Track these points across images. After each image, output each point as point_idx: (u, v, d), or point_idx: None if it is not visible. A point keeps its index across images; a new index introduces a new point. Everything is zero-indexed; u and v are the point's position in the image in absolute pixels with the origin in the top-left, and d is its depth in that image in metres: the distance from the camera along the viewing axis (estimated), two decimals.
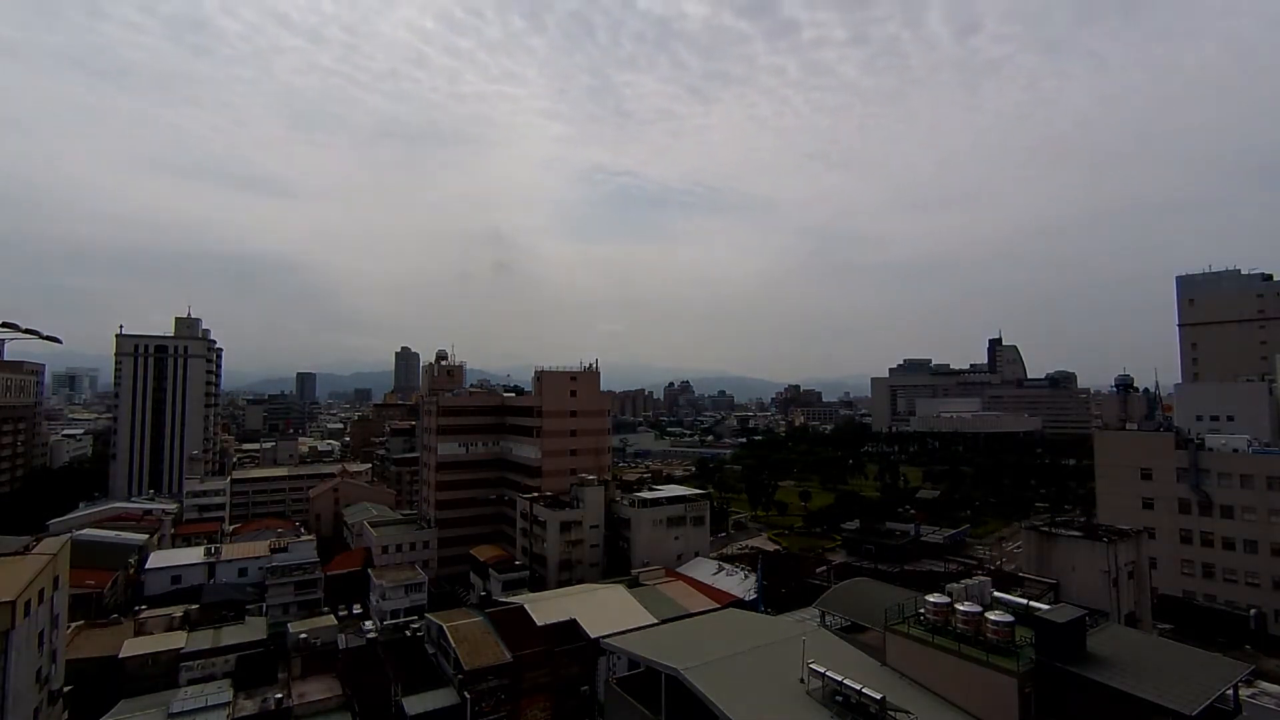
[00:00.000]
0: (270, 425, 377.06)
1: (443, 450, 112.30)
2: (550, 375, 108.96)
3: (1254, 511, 73.78)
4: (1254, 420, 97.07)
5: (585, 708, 57.40)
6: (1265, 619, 71.88)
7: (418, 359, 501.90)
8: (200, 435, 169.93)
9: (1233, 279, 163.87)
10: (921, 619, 38.80)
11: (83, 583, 71.81)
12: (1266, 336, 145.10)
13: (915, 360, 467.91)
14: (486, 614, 61.64)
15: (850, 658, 38.70)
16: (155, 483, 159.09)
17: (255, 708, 50.44)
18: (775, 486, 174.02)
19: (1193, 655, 35.65)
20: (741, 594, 73.03)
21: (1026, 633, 35.90)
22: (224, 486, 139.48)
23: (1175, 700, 29.77)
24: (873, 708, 31.78)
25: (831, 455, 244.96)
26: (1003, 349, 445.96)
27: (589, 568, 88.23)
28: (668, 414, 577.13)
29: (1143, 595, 54.86)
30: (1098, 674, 32.54)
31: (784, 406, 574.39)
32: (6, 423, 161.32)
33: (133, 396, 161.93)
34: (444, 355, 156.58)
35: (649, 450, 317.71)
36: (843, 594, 52.38)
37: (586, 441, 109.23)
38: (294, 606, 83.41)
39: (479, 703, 52.08)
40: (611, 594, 70.43)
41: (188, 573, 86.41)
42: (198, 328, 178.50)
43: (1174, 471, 79.27)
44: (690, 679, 34.39)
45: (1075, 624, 34.59)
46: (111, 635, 63.30)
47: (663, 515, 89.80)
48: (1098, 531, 55.80)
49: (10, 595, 36.79)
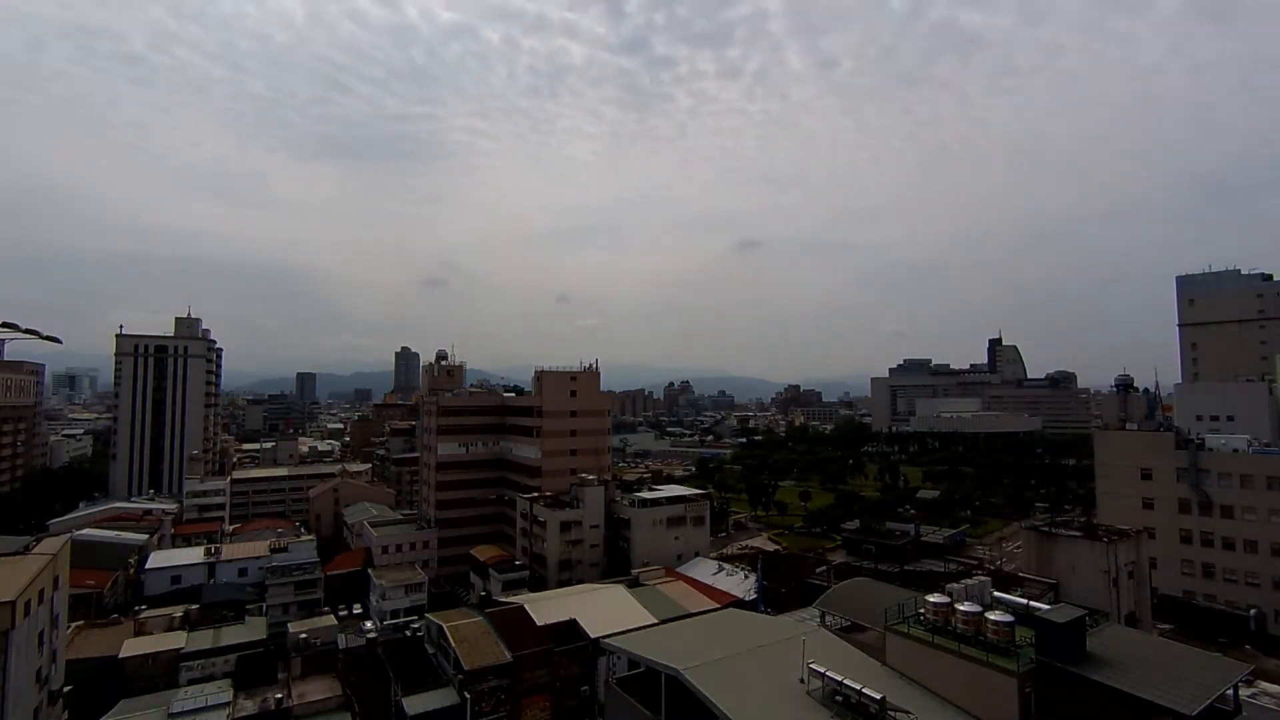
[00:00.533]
0: (270, 425, 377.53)
1: (443, 450, 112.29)
2: (550, 375, 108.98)
3: (1254, 511, 73.76)
4: (1254, 420, 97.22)
5: (585, 708, 57.42)
6: (1265, 619, 71.86)
7: (418, 359, 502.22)
8: (200, 435, 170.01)
9: (1233, 279, 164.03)
10: (921, 619, 38.79)
11: (83, 583, 71.81)
12: (1266, 336, 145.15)
13: (915, 360, 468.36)
14: (486, 614, 61.63)
15: (850, 658, 38.70)
16: (155, 483, 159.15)
17: (255, 708, 50.48)
18: (775, 486, 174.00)
19: (1193, 655, 35.65)
20: (741, 594, 73.05)
21: (1026, 633, 35.89)
22: (224, 486, 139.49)
23: (1175, 700, 29.76)
24: (873, 708, 31.79)
25: (831, 455, 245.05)
26: (1003, 349, 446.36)
27: (589, 568, 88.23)
28: (668, 414, 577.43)
29: (1143, 595, 54.87)
30: (1098, 674, 32.52)
31: (784, 406, 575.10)
32: (6, 423, 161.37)
33: (133, 396, 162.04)
34: (444, 355, 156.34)
35: (649, 450, 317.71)
36: (843, 594, 52.37)
37: (586, 441, 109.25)
38: (294, 606, 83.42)
39: (479, 703, 52.07)
40: (611, 594, 70.42)
41: (188, 573, 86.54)
42: (198, 328, 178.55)
43: (1174, 471, 79.23)
44: (690, 679, 34.39)
45: (1075, 624, 34.56)
46: (111, 635, 63.32)
47: (663, 515, 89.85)
48: (1098, 531, 55.80)
49: (10, 595, 36.79)
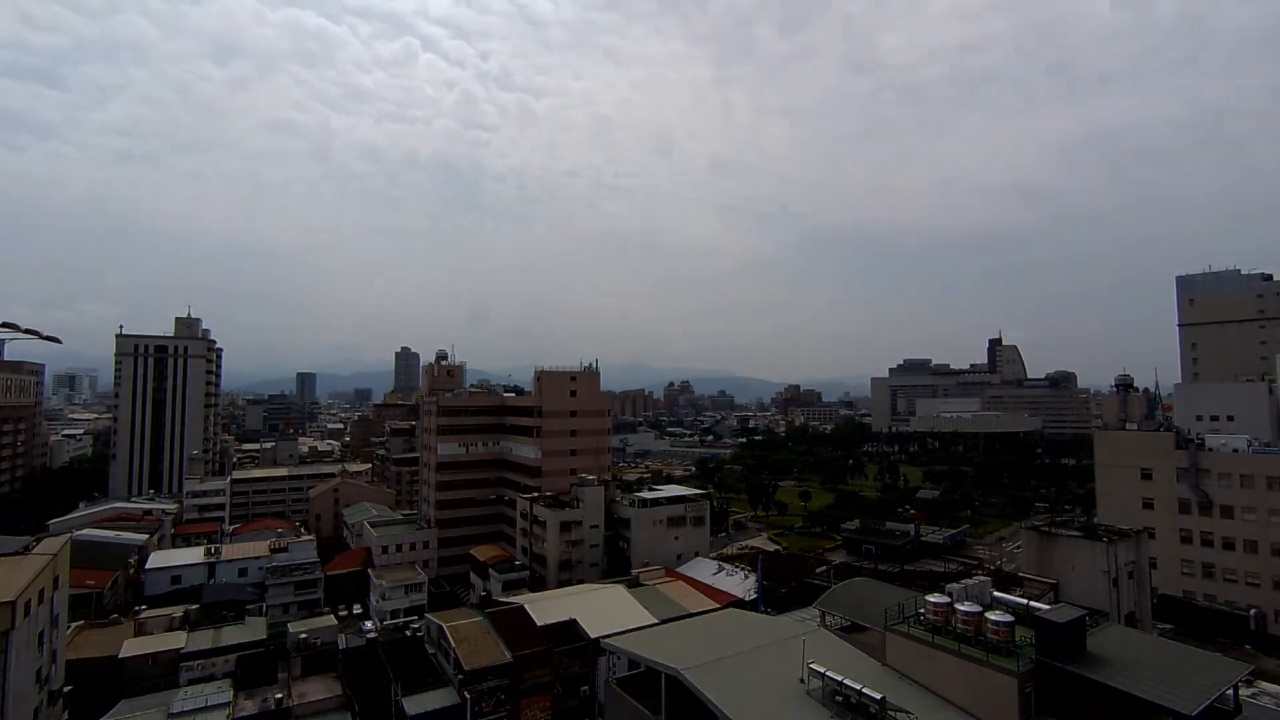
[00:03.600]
0: (270, 425, 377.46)
1: (443, 450, 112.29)
2: (550, 375, 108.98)
3: (1254, 511, 73.66)
4: (1254, 420, 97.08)
5: (585, 708, 57.46)
6: (1265, 619, 71.78)
7: (418, 359, 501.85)
8: (200, 435, 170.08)
9: (1233, 279, 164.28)
10: (921, 619, 38.76)
11: (83, 583, 71.84)
12: (1266, 336, 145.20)
13: (915, 360, 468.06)
14: (486, 614, 61.63)
15: (850, 658, 38.68)
16: (155, 483, 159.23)
17: (255, 708, 50.51)
18: (775, 486, 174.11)
19: (1193, 655, 35.61)
20: (741, 594, 73.01)
21: (1026, 633, 35.89)
22: (224, 486, 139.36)
23: (1175, 700, 29.74)
24: (873, 708, 31.78)
25: (831, 455, 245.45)
26: (1003, 349, 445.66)
27: (589, 568, 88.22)
28: (668, 414, 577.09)
29: (1143, 595, 54.83)
30: (1098, 674, 32.50)
31: (784, 406, 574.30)
32: (6, 423, 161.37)
33: (133, 396, 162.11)
34: (444, 355, 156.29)
35: (649, 450, 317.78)
36: (843, 594, 52.32)
37: (586, 441, 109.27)
38: (294, 606, 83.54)
39: (479, 703, 52.09)
40: (611, 594, 70.42)
41: (188, 573, 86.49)
42: (198, 328, 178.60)
43: (1174, 471, 79.14)
44: (690, 679, 34.37)
45: (1075, 624, 34.56)
46: (111, 635, 63.29)
47: (663, 515, 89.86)
48: (1098, 531, 55.74)
49: (10, 595, 36.81)
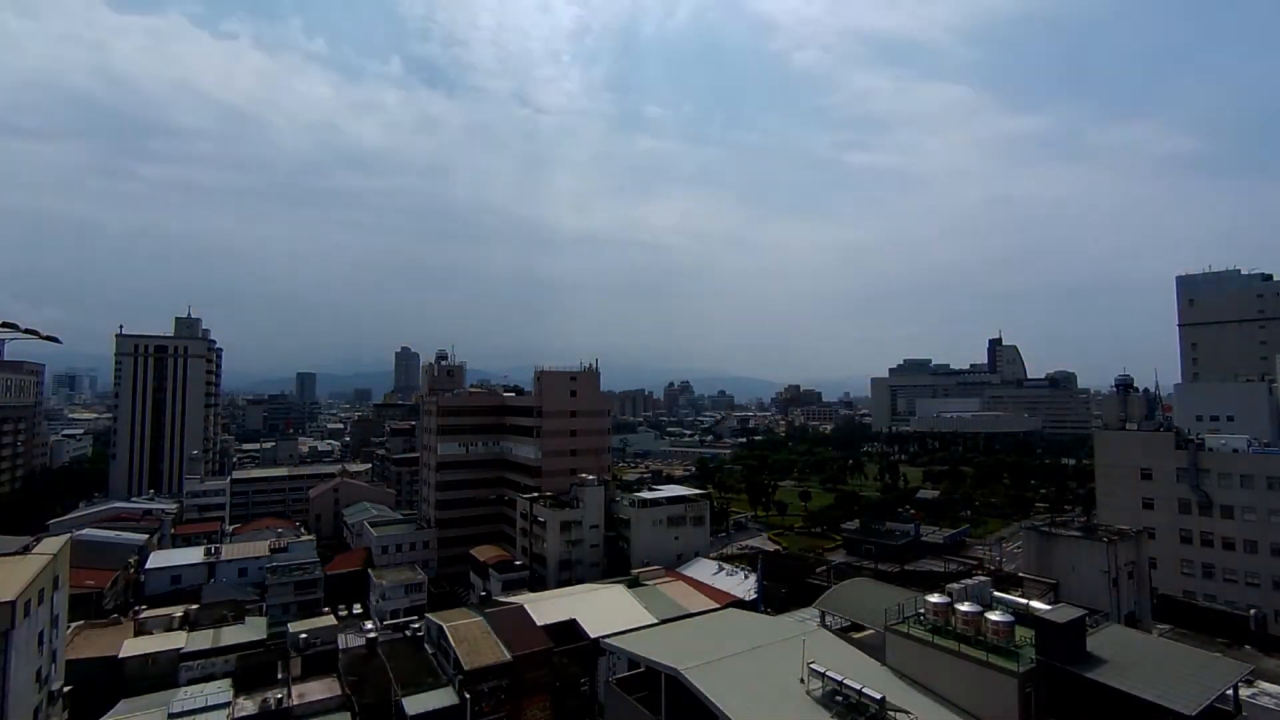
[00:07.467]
0: (270, 425, 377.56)
1: (443, 450, 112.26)
2: (550, 375, 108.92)
3: (1254, 512, 73.68)
4: (1254, 420, 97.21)
5: (585, 708, 57.40)
6: (1265, 619, 71.77)
7: (418, 359, 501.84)
8: (200, 435, 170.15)
9: (1233, 279, 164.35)
10: (921, 619, 38.80)
11: (83, 583, 71.81)
12: (1266, 336, 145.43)
13: (915, 360, 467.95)
14: (486, 614, 61.53)
15: (850, 658, 38.69)
16: (155, 483, 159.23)
17: (255, 708, 50.33)
18: (775, 486, 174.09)
19: (1193, 655, 35.64)
20: (741, 594, 73.00)
21: (1026, 633, 35.90)
22: (224, 486, 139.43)
23: (1175, 700, 29.74)
24: (873, 708, 31.78)
25: (831, 455, 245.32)
26: (1003, 349, 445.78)
27: (589, 568, 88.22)
28: (668, 414, 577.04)
29: (1143, 595, 54.93)
30: (1098, 674, 32.52)
31: (784, 406, 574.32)
32: (6, 423, 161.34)
33: (133, 396, 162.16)
34: (444, 355, 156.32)
35: (649, 450, 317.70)
36: (843, 594, 52.30)
37: (586, 441, 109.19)
38: (294, 606, 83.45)
39: (479, 703, 52.01)
40: (611, 594, 70.44)
41: (188, 573, 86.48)
42: (198, 328, 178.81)
43: (1174, 471, 79.14)
44: (690, 679, 34.37)
45: (1075, 624, 34.56)
46: (111, 635, 63.16)
47: (662, 515, 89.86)
48: (1098, 531, 55.86)
49: (10, 595, 36.76)
